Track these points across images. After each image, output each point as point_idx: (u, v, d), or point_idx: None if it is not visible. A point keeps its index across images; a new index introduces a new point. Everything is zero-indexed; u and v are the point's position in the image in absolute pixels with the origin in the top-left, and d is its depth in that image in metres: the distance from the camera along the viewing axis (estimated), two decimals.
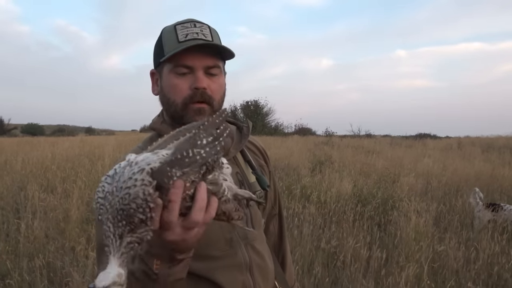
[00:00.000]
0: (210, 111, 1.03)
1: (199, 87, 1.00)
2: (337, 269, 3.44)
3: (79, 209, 4.79)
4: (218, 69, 1.05)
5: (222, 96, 1.08)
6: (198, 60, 1.01)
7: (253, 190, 1.12)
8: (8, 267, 3.22)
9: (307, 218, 4.39)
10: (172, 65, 1.02)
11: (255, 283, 1.04)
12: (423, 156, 11.61)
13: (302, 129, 32.56)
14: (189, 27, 1.03)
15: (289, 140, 18.47)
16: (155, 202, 0.63)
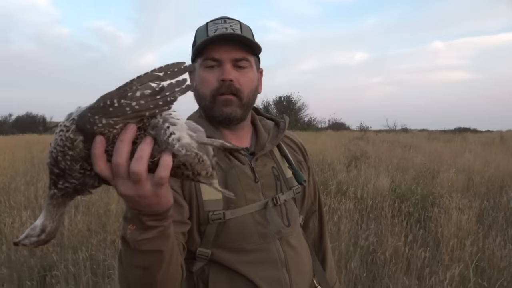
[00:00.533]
0: (238, 103, 1.04)
1: (225, 79, 1.02)
2: (376, 266, 3.38)
3: (119, 204, 4.92)
4: (247, 62, 1.05)
5: (253, 90, 1.08)
6: (225, 52, 1.03)
7: (290, 185, 1.11)
8: (54, 259, 3.35)
9: (344, 214, 4.33)
10: (202, 59, 1.05)
11: (291, 280, 1.02)
12: (463, 151, 11.22)
13: (336, 124, 32.25)
14: (219, 23, 1.05)
15: (323, 135, 18.31)
16: (74, 148, 0.61)
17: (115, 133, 0.61)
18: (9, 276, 3.19)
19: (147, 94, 0.60)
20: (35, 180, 6.48)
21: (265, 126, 1.18)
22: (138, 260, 0.77)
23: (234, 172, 1.03)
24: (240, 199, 1.01)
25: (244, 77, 1.05)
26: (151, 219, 0.71)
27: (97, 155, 0.60)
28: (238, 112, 1.05)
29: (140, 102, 0.60)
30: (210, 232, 0.99)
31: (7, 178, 6.63)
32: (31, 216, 4.28)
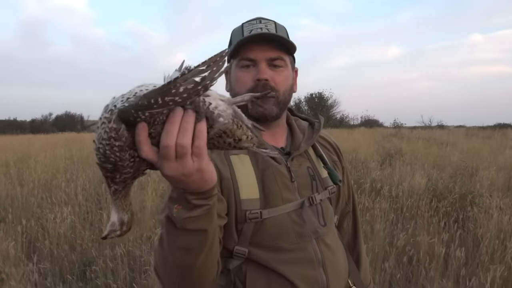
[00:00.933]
0: (273, 101, 1.05)
1: (261, 78, 1.03)
2: (412, 267, 3.30)
3: (154, 201, 5.03)
4: (282, 61, 1.06)
5: (288, 89, 1.08)
6: (260, 52, 1.04)
7: (325, 185, 1.11)
8: (94, 255, 3.47)
9: (379, 214, 4.26)
10: (238, 59, 1.06)
11: (328, 280, 1.02)
12: (504, 148, 10.76)
13: (369, 120, 31.72)
14: (254, 24, 1.06)
15: (356, 132, 18.03)
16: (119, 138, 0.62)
17: (157, 118, 0.62)
18: (51, 270, 3.33)
19: (189, 87, 0.61)
20: (75, 177, 6.72)
21: (300, 126, 1.19)
22: (182, 240, 0.78)
23: (271, 171, 1.04)
24: (276, 199, 1.02)
25: (279, 76, 1.05)
26: (196, 197, 0.73)
27: (141, 140, 0.62)
28: (274, 110, 1.06)
29: (183, 95, 0.61)
30: (247, 230, 1.00)
31: (48, 175, 6.91)
32: (71, 212, 4.44)
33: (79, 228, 4.09)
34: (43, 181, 6.43)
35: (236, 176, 1.01)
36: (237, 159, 1.04)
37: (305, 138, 1.14)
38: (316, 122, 1.19)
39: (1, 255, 3.33)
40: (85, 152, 10.34)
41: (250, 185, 1.01)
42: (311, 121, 1.22)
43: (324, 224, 1.08)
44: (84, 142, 14.43)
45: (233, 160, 1.03)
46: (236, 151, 1.05)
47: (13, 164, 8.14)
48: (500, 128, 24.60)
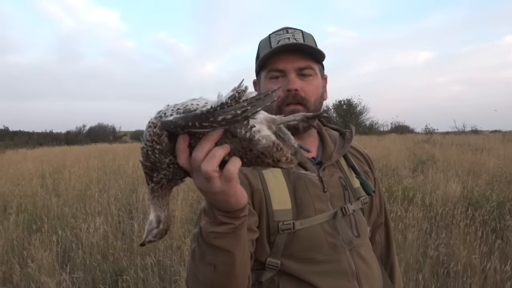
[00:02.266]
0: (305, 112, 1.01)
1: (291, 89, 1.02)
2: (449, 279, 3.18)
3: (184, 211, 5.08)
4: (311, 70, 1.05)
5: (319, 97, 1.07)
6: (289, 63, 1.03)
7: (357, 196, 1.09)
8: (125, 264, 3.52)
9: (412, 223, 4.14)
10: (266, 71, 1.06)
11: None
12: None
13: (399, 127, 31.04)
14: (281, 34, 1.05)
15: (386, 138, 17.71)
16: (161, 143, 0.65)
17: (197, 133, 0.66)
18: (84, 279, 3.40)
19: (228, 117, 0.63)
20: (107, 188, 6.87)
21: (331, 136, 1.18)
22: (209, 256, 0.79)
23: (303, 182, 1.02)
24: (309, 209, 1.00)
25: (309, 86, 1.04)
26: (222, 214, 0.74)
27: (180, 149, 0.65)
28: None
29: (221, 122, 0.63)
30: (279, 242, 0.99)
31: (82, 186, 7.11)
32: (104, 222, 4.53)
33: (111, 238, 4.17)
34: (77, 191, 6.62)
35: (268, 187, 1.00)
36: (269, 171, 1.03)
37: (337, 148, 1.12)
38: (347, 132, 1.18)
39: (37, 264, 3.43)
40: (116, 163, 10.58)
41: (282, 195, 1.00)
42: (341, 131, 1.20)
43: (358, 235, 1.05)
44: (116, 153, 14.80)
45: (264, 171, 1.03)
46: None
47: (49, 175, 8.41)
48: None
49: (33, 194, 6.32)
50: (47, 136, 37.83)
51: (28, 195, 6.29)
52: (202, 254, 0.80)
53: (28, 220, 4.93)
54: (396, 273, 1.25)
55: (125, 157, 12.46)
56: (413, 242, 3.62)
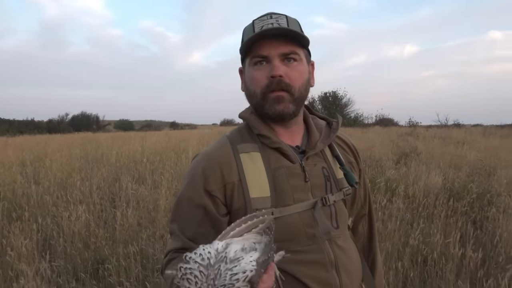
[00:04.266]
0: (290, 99, 1.01)
1: (274, 75, 0.99)
2: (427, 267, 3.24)
3: (167, 200, 5.05)
4: (296, 55, 1.02)
5: (304, 83, 1.04)
6: (272, 48, 1.00)
7: (340, 186, 1.08)
8: (107, 253, 3.49)
9: (394, 213, 4.19)
10: (250, 57, 1.03)
11: (342, 282, 0.99)
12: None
13: (384, 119, 31.40)
14: (265, 19, 1.02)
15: (370, 131, 17.90)
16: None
17: None
18: (65, 268, 3.36)
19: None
20: (90, 176, 6.79)
21: (317, 125, 1.15)
22: None
23: (283, 171, 1.01)
24: (288, 198, 0.99)
25: (294, 71, 1.01)
26: None
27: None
28: (290, 108, 1.02)
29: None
30: None
31: (64, 174, 7.00)
32: (86, 210, 4.48)
33: (93, 226, 4.12)
34: (58, 180, 6.52)
35: (246, 176, 0.99)
36: (248, 158, 1.01)
37: (322, 137, 1.10)
38: (334, 121, 1.16)
39: (16, 253, 3.37)
40: (100, 152, 10.46)
41: (261, 183, 0.99)
42: (329, 120, 1.18)
43: (337, 226, 1.04)
44: (99, 142, 14.62)
45: (243, 158, 1.01)
46: (247, 149, 1.03)
47: (30, 163, 8.26)
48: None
49: (12, 182, 6.20)
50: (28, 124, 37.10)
51: (7, 183, 6.16)
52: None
53: (8, 208, 4.84)
54: (378, 264, 1.25)
55: (109, 146, 12.31)
56: (394, 232, 3.67)
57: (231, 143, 1.05)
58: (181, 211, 1.01)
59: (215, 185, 0.98)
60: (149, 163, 7.95)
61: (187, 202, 1.01)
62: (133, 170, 7.45)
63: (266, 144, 1.03)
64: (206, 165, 1.01)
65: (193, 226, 0.99)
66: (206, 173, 1.00)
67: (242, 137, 1.06)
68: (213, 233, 0.96)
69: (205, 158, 1.04)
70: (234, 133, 1.09)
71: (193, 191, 1.00)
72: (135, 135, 19.72)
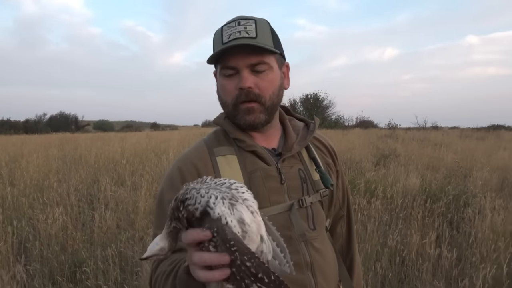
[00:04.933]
0: (260, 109, 1.01)
1: (243, 87, 0.98)
2: (404, 268, 3.30)
3: (147, 202, 5.00)
4: (265, 65, 1.00)
5: (275, 91, 1.04)
6: (240, 59, 0.99)
7: (317, 188, 1.08)
8: (84, 256, 3.43)
9: (373, 214, 4.25)
10: (220, 67, 1.02)
11: (317, 284, 1.00)
12: (498, 149, 10.83)
13: (364, 122, 31.76)
14: (233, 26, 1.00)
15: (350, 133, 18.09)
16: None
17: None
18: (41, 271, 3.29)
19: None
20: (67, 178, 6.67)
21: (295, 126, 1.15)
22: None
23: (259, 174, 1.01)
24: (264, 201, 0.98)
25: (263, 81, 1.00)
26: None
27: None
28: (261, 118, 1.02)
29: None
30: None
31: (40, 175, 6.85)
32: (63, 212, 4.40)
33: (71, 229, 4.05)
34: (35, 181, 6.38)
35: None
36: (224, 161, 1.01)
37: (299, 139, 1.10)
38: (311, 123, 1.16)
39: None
40: (78, 153, 10.28)
41: None
42: (307, 121, 1.18)
43: (313, 228, 1.04)
44: (78, 142, 14.37)
45: (219, 161, 1.01)
46: (224, 152, 1.03)
47: (5, 165, 8.06)
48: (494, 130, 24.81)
49: None
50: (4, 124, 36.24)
51: None
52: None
53: None
54: (356, 265, 1.25)
55: (87, 147, 12.11)
56: (373, 233, 3.72)
57: (207, 147, 1.05)
58: (163, 216, 1.00)
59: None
60: (128, 164, 7.86)
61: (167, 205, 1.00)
62: (112, 172, 7.35)
63: (242, 148, 1.03)
64: (183, 167, 1.01)
65: None
66: (184, 174, 0.99)
67: (218, 140, 1.07)
68: None
69: (182, 161, 1.04)
70: (211, 136, 1.09)
71: (172, 194, 0.99)
72: (115, 136, 19.45)
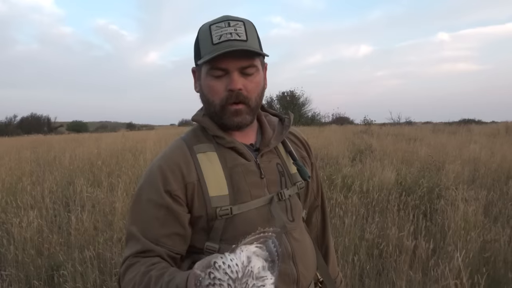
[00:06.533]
0: (247, 110, 1.03)
1: (233, 89, 1.00)
2: (382, 260, 3.37)
3: (124, 202, 4.94)
4: (254, 68, 1.03)
5: (260, 93, 1.07)
6: (232, 62, 1.00)
7: (294, 181, 1.12)
8: (61, 259, 3.37)
9: (350, 209, 4.32)
10: (208, 67, 1.02)
11: (299, 272, 1.04)
12: (469, 143, 11.15)
13: (340, 118, 32.14)
14: (223, 27, 1.01)
15: (327, 129, 18.28)
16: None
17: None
18: (16, 276, 3.21)
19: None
20: (41, 180, 6.52)
21: (270, 122, 1.18)
22: None
23: (239, 169, 1.03)
24: (245, 195, 1.02)
25: (251, 83, 1.03)
26: None
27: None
28: (247, 119, 1.05)
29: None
30: (218, 227, 1.00)
31: (13, 178, 6.67)
32: (38, 216, 4.30)
33: (47, 232, 3.96)
34: (7, 184, 6.21)
35: (204, 175, 1.00)
36: (205, 158, 1.03)
37: (275, 134, 1.13)
38: (286, 118, 1.19)
39: None
40: (52, 154, 10.05)
41: (219, 182, 1.01)
42: (281, 117, 1.21)
43: (292, 220, 1.08)
44: (51, 144, 14.04)
45: (200, 158, 1.02)
46: (204, 149, 1.04)
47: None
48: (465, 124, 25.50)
49: None
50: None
51: None
52: None
53: None
54: (331, 253, 1.31)
55: (62, 148, 11.86)
56: (350, 227, 3.79)
57: (187, 145, 1.05)
58: (141, 213, 1.00)
59: (176, 185, 0.99)
60: (105, 165, 7.73)
61: (147, 203, 1.00)
62: (88, 173, 7.22)
63: (221, 144, 1.05)
64: (164, 166, 1.01)
65: (155, 228, 0.98)
66: (165, 174, 1.00)
67: (197, 138, 1.08)
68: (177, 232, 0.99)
69: (163, 160, 1.03)
70: (189, 134, 1.10)
71: (153, 192, 1.00)
72: (89, 137, 19.09)
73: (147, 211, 0.99)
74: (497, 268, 3.11)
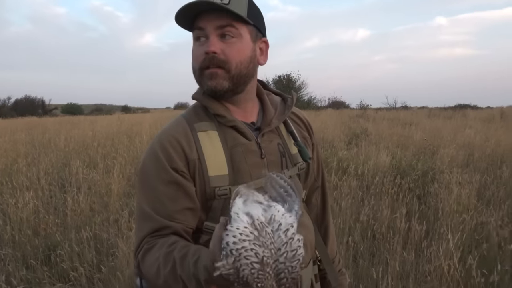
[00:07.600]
0: (224, 75, 0.98)
1: (208, 51, 0.96)
2: (376, 241, 3.42)
3: (120, 184, 4.95)
4: (234, 29, 0.97)
5: (244, 61, 1.01)
6: (208, 21, 0.96)
7: (295, 162, 1.11)
8: (58, 239, 3.39)
9: (346, 191, 4.36)
10: (194, 31, 1.00)
11: None
12: (464, 127, 11.21)
13: (336, 102, 32.09)
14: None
15: (323, 113, 18.28)
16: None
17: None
18: (13, 256, 3.23)
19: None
20: (37, 162, 6.50)
21: (272, 101, 1.16)
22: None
23: (240, 149, 1.02)
24: (245, 176, 1.00)
25: (230, 49, 0.98)
26: None
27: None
28: (224, 85, 0.99)
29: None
30: (216, 207, 0.99)
31: (8, 160, 6.65)
32: (33, 196, 4.31)
33: (43, 213, 3.98)
34: (2, 166, 6.20)
35: (204, 154, 0.98)
36: (205, 136, 1.01)
37: (277, 114, 1.11)
38: (289, 97, 1.16)
39: None
40: (47, 137, 10.00)
41: (219, 161, 0.99)
42: (284, 96, 1.19)
43: None
44: (46, 126, 13.96)
45: (200, 137, 1.00)
46: (205, 128, 1.02)
47: None
48: (461, 109, 25.59)
49: None
50: None
51: None
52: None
53: None
54: (330, 233, 1.30)
55: (56, 131, 11.80)
56: (346, 209, 3.82)
57: (187, 122, 1.03)
58: (151, 191, 0.98)
59: (180, 162, 0.97)
60: (100, 147, 7.72)
61: (155, 181, 0.98)
62: (83, 155, 7.21)
63: (222, 123, 1.03)
64: (166, 143, 0.99)
65: (168, 204, 0.96)
66: (168, 151, 0.98)
67: (198, 116, 1.05)
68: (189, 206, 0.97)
69: (165, 135, 1.01)
70: (190, 112, 1.07)
71: (159, 169, 0.98)
72: (84, 119, 18.99)
73: (157, 189, 0.97)
74: (488, 250, 3.17)
